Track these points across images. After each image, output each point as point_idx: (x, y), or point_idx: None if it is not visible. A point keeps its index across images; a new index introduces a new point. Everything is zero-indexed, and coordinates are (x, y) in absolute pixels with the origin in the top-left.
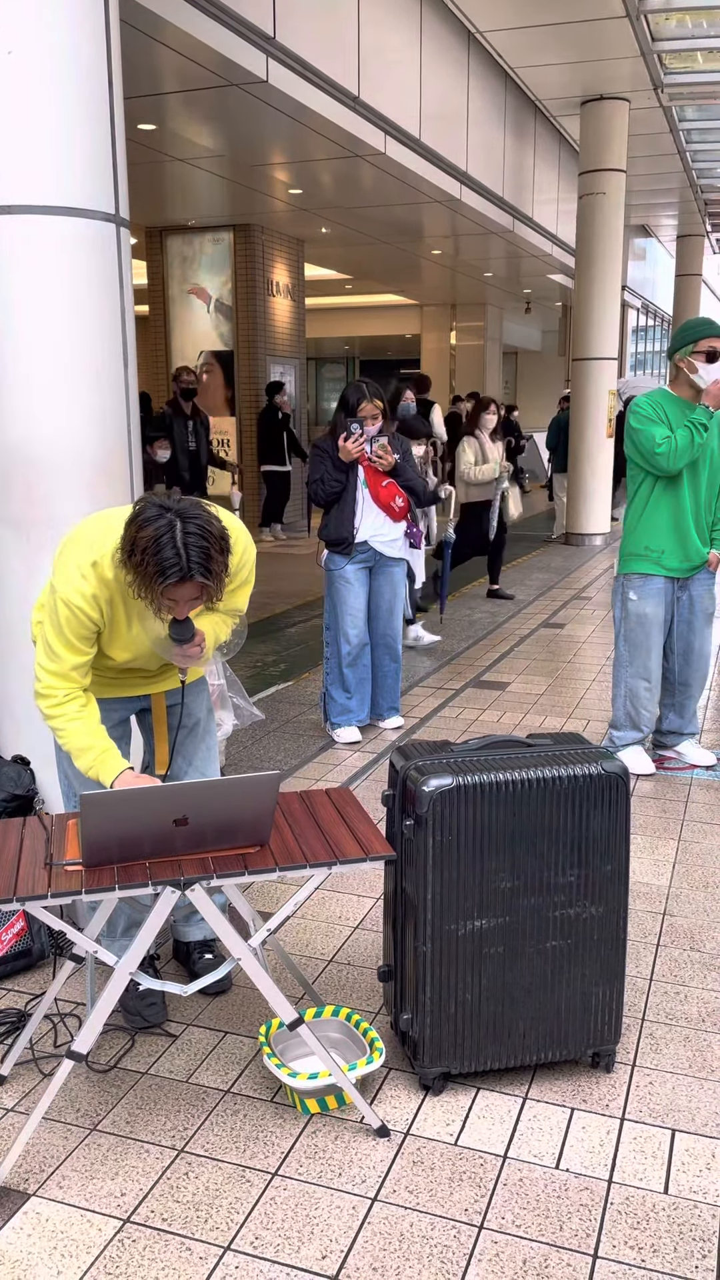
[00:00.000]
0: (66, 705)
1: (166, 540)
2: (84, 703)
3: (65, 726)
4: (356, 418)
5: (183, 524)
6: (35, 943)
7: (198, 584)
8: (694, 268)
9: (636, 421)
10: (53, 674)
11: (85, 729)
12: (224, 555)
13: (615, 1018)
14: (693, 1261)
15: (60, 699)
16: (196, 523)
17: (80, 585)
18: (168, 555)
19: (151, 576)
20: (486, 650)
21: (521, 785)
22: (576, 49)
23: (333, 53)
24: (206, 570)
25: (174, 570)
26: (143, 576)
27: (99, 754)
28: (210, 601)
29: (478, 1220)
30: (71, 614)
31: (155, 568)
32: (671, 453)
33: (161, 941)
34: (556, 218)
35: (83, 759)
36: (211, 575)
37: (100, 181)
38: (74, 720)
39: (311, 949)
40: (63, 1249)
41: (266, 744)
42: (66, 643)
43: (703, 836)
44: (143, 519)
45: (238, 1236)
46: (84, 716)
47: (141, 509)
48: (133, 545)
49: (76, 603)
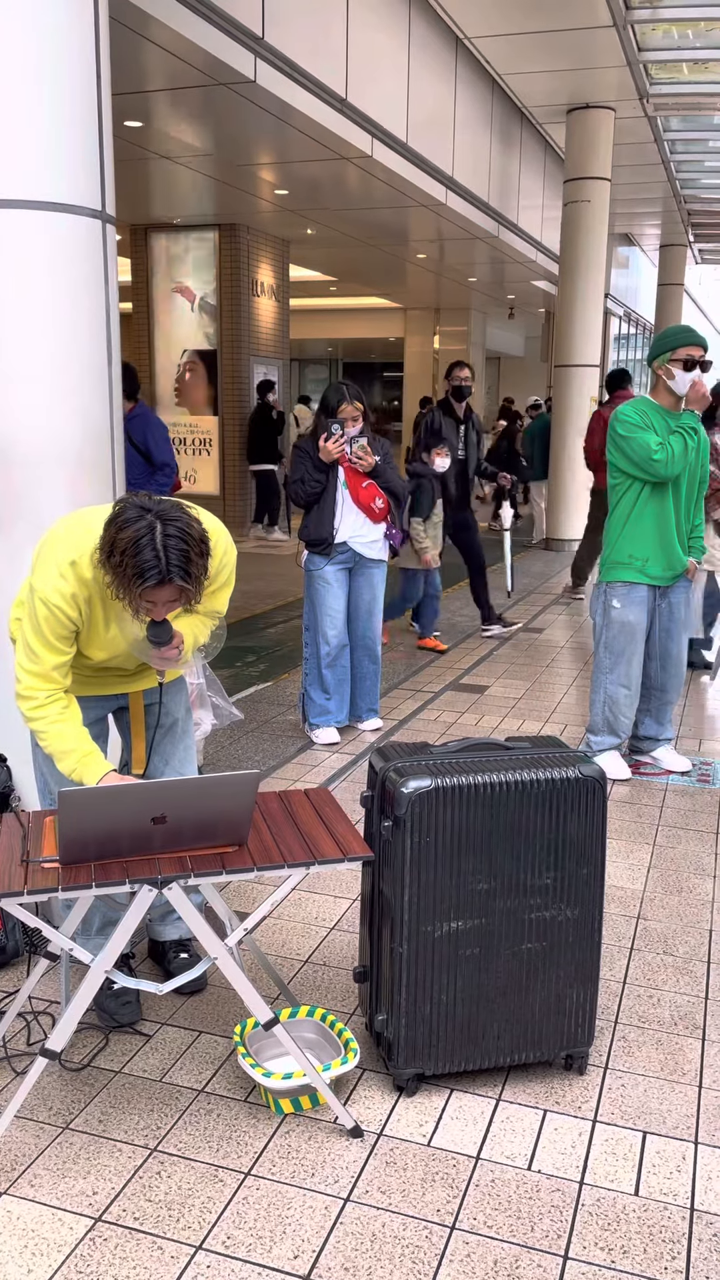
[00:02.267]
0: (49, 707)
1: (146, 542)
2: (65, 705)
3: (47, 729)
4: (337, 418)
5: (163, 526)
6: (9, 940)
7: (176, 587)
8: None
9: (624, 429)
10: (33, 675)
11: (67, 732)
12: (204, 558)
13: (589, 1020)
14: (662, 1263)
15: (42, 700)
16: (177, 525)
17: (59, 584)
18: (147, 557)
19: (130, 578)
20: (465, 654)
21: (500, 788)
22: (563, 57)
23: (321, 55)
24: (186, 573)
25: (153, 573)
26: (121, 578)
27: (81, 757)
28: (189, 604)
29: (450, 1221)
30: (50, 613)
31: (134, 570)
32: (669, 459)
33: (137, 940)
34: (541, 224)
35: (65, 762)
36: (191, 578)
37: (87, 177)
38: (56, 723)
39: (288, 949)
40: (34, 1247)
41: (245, 744)
42: (46, 643)
43: (677, 841)
44: (122, 520)
45: (210, 1236)
46: (66, 719)
47: (121, 510)
48: (112, 546)
49: (55, 602)
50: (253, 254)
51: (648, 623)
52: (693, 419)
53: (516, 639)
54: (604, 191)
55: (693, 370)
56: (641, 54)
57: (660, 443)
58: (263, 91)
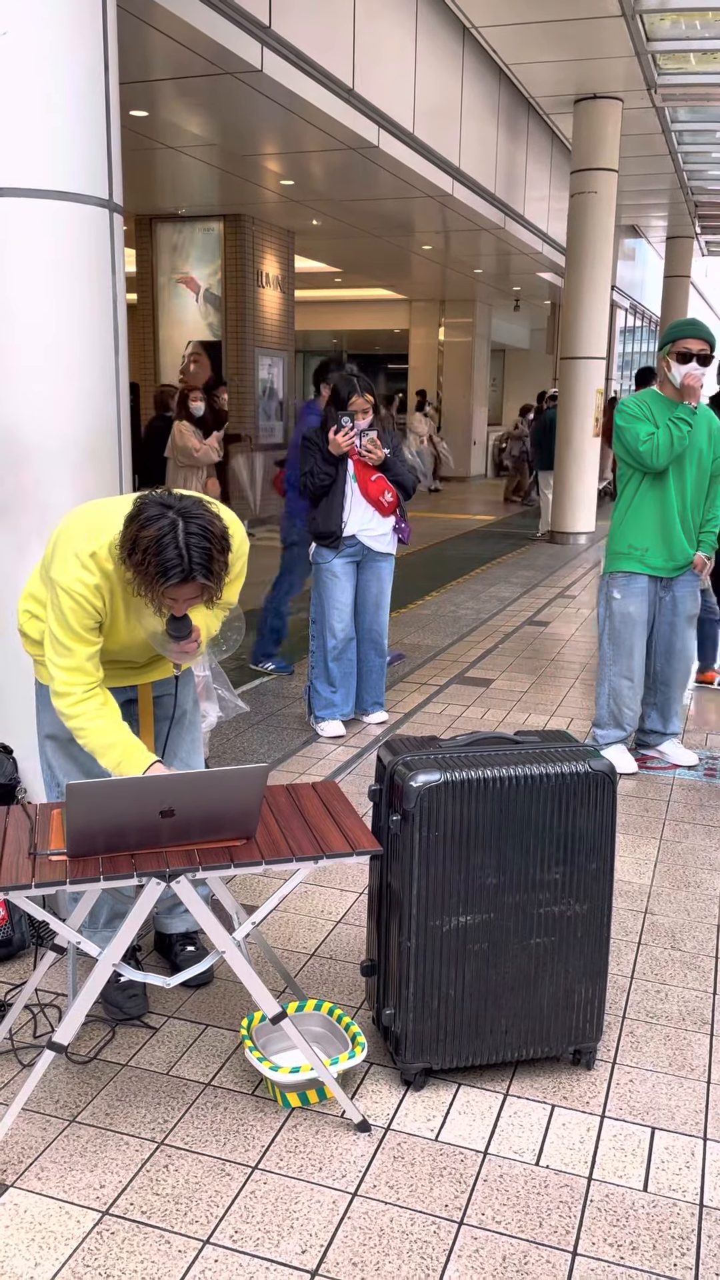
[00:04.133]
0: (87, 703)
1: (169, 541)
2: (103, 700)
3: (86, 725)
4: (347, 411)
5: (185, 524)
6: (16, 932)
7: (199, 584)
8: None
9: (623, 420)
10: (67, 670)
11: (107, 727)
12: (225, 555)
13: (597, 1015)
14: (671, 1259)
15: (80, 695)
16: (199, 523)
17: (83, 575)
18: (170, 556)
19: (153, 577)
20: (470, 647)
21: (509, 782)
22: (571, 47)
23: (328, 44)
24: (208, 571)
25: (176, 571)
26: (144, 576)
27: (124, 750)
28: (210, 601)
29: (458, 1216)
30: (76, 604)
31: (157, 568)
32: (654, 449)
33: (144, 933)
34: (548, 215)
35: (108, 756)
36: (213, 576)
37: (94, 166)
38: (96, 719)
39: (294, 943)
40: (41, 1240)
41: (250, 736)
42: (74, 634)
43: (684, 836)
44: (145, 518)
45: (217, 1230)
46: (104, 714)
47: (143, 507)
48: (134, 544)
49: (80, 592)
50: (258, 245)
51: (650, 614)
52: (685, 411)
53: (521, 632)
54: (611, 183)
55: (689, 363)
56: (650, 44)
57: (650, 433)
58: (269, 81)
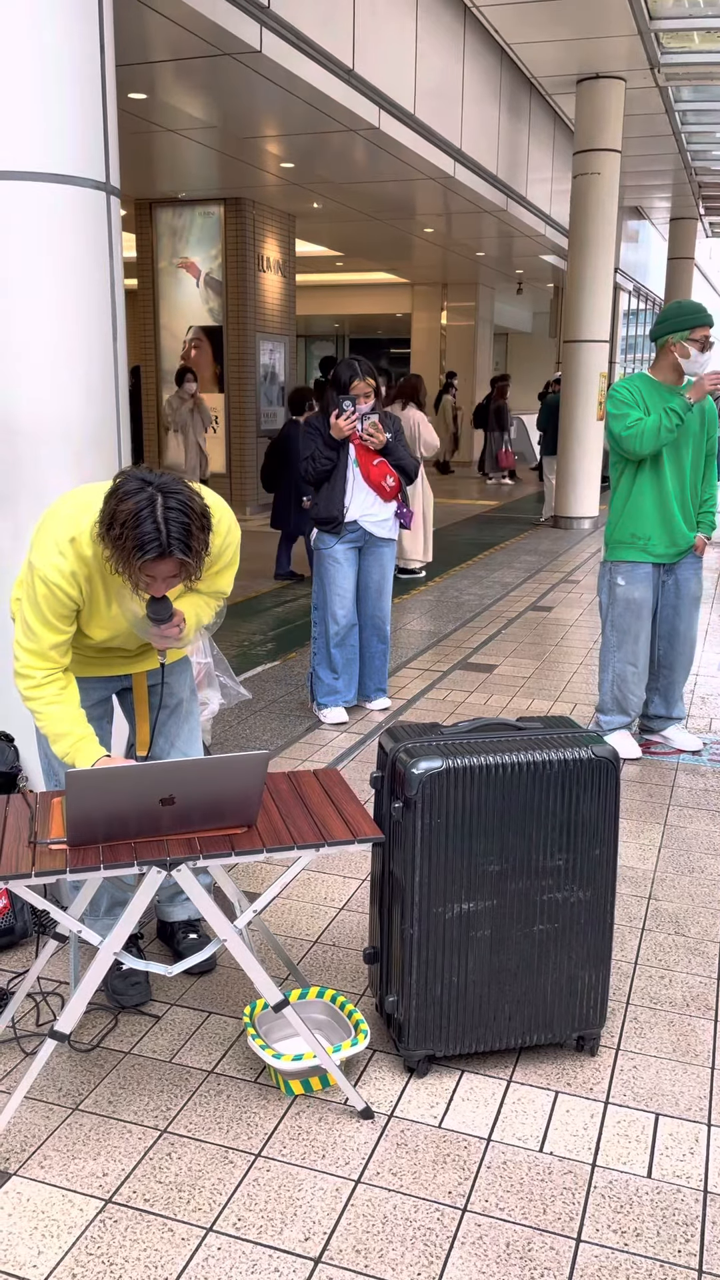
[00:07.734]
0: (46, 687)
1: (146, 514)
2: (63, 685)
3: (43, 710)
4: (349, 395)
5: (164, 498)
6: (18, 921)
7: (177, 560)
8: (686, 251)
9: (612, 406)
10: (31, 653)
11: (63, 714)
12: (205, 533)
13: (601, 1002)
14: (675, 1245)
15: (39, 680)
16: (178, 498)
17: (58, 562)
18: (147, 530)
19: (130, 551)
20: (474, 632)
21: (512, 768)
22: (573, 26)
23: (328, 25)
24: (186, 546)
25: (153, 545)
26: (121, 551)
27: (76, 740)
28: (190, 580)
29: (461, 1203)
30: (50, 592)
31: (134, 542)
32: (638, 435)
33: (145, 921)
34: (550, 197)
35: (60, 744)
36: (191, 552)
37: (91, 148)
38: (52, 704)
39: (297, 930)
40: (44, 1228)
41: (252, 724)
42: (45, 621)
43: (688, 821)
44: (123, 492)
45: (220, 1218)
46: (63, 700)
47: (122, 482)
48: (112, 518)
49: (54, 580)
50: (258, 229)
51: (654, 600)
52: (680, 404)
53: (525, 618)
54: (614, 164)
55: (707, 351)
56: (652, 22)
57: (637, 419)
58: (269, 62)
